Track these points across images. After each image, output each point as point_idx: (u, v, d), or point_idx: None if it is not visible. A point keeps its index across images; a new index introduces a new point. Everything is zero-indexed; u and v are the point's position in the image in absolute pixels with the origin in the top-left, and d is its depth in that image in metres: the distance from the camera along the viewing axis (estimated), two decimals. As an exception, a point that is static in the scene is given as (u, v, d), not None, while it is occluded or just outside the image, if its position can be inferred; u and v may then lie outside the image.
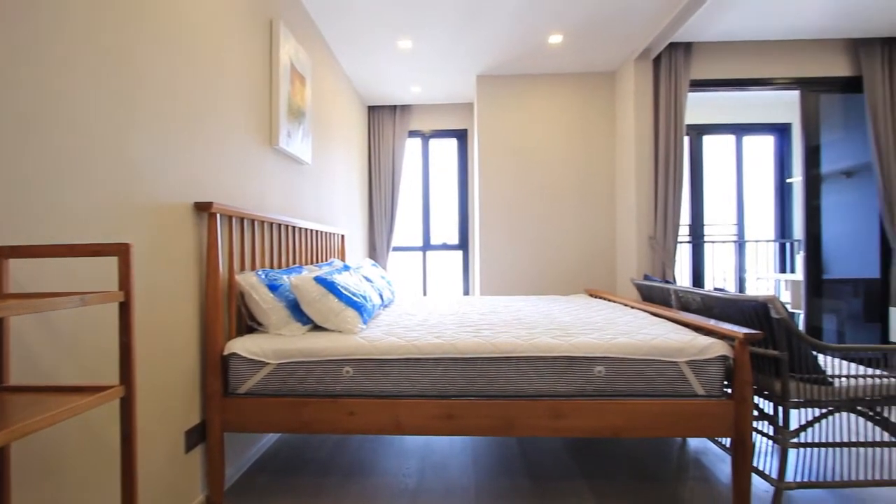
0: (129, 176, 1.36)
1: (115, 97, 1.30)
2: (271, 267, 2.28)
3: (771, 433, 1.78)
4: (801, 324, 3.85)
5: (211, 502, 1.73)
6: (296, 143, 2.65)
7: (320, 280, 1.97)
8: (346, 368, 1.74)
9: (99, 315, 1.24)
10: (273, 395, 1.74)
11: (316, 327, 1.98)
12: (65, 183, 1.13)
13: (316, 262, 2.96)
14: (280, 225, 2.39)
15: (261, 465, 2.11)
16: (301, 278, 1.95)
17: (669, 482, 1.92)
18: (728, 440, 2.06)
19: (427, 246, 5.15)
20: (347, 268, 2.51)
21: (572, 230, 4.20)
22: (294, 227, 2.59)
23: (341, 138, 3.89)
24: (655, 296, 2.66)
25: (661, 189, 3.65)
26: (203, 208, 1.70)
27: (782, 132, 4.96)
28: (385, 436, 2.40)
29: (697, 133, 4.70)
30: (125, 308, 1.01)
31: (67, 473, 1.14)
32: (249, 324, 1.97)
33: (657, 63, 3.68)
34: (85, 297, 0.90)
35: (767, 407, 1.87)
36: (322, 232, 3.13)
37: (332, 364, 1.74)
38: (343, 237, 3.70)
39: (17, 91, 1.02)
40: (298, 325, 1.91)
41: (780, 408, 1.72)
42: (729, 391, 1.71)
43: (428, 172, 5.15)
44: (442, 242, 5.16)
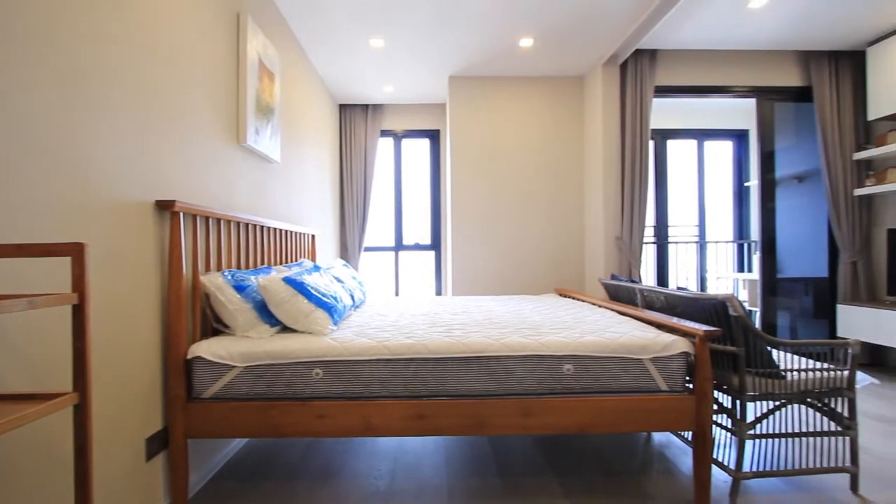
0: (82, 173, 1.29)
1: (63, 90, 1.24)
2: (238, 268, 2.23)
3: (729, 426, 1.87)
4: (758, 321, 4.04)
5: (173, 511, 1.67)
6: (264, 141, 2.59)
7: (289, 280, 1.93)
8: (316, 370, 1.72)
9: (52, 319, 1.18)
10: (240, 400, 1.70)
11: (285, 329, 1.94)
12: (8, 181, 1.07)
13: (285, 263, 2.91)
14: (248, 224, 2.34)
15: (227, 472, 2.05)
16: (269, 279, 1.91)
17: (635, 475, 1.98)
18: (690, 433, 2.15)
19: (399, 246, 5.13)
20: (318, 268, 2.48)
21: (543, 231, 4.28)
22: (262, 227, 2.53)
23: (312, 136, 3.83)
24: (622, 295, 2.74)
25: (628, 191, 3.76)
26: (165, 207, 1.64)
27: (740, 138, 5.20)
28: (356, 438, 2.38)
29: (662, 137, 4.87)
30: (79, 311, 0.96)
31: (17, 487, 1.08)
32: (215, 326, 1.92)
33: (624, 69, 3.79)
34: (34, 300, 0.86)
35: (726, 401, 1.95)
36: (292, 232, 3.07)
37: (302, 366, 1.72)
38: (313, 237, 3.64)
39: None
40: (266, 327, 1.87)
41: (738, 401, 1.80)
42: (690, 386, 1.78)
43: (400, 172, 5.13)
44: (414, 243, 5.15)
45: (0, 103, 1.04)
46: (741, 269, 5.20)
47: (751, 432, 1.78)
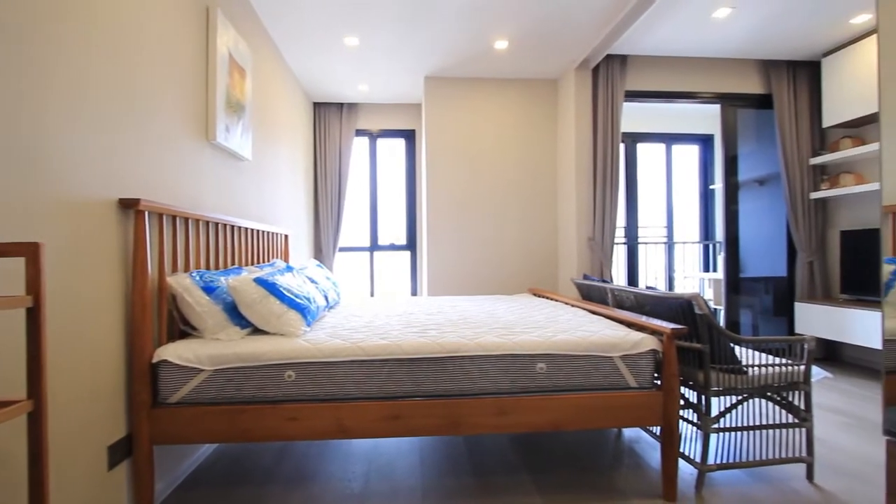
0: (38, 170, 1.23)
1: (17, 83, 1.18)
2: (207, 268, 2.16)
3: (695, 420, 1.93)
4: (722, 319, 4.20)
5: (138, 521, 1.61)
6: (235, 138, 2.53)
7: (261, 281, 1.89)
8: (289, 373, 1.69)
9: (6, 322, 1.12)
10: (208, 404, 1.65)
11: (256, 331, 1.90)
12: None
13: (257, 263, 2.84)
14: (217, 224, 2.27)
15: (196, 479, 1.99)
16: (240, 279, 1.87)
17: (606, 471, 2.03)
18: (658, 428, 2.21)
19: (375, 246, 5.09)
20: (291, 268, 2.43)
21: (517, 231, 4.32)
22: (233, 227, 2.47)
23: (285, 135, 3.76)
24: (594, 294, 2.80)
25: (600, 193, 3.84)
26: (129, 205, 1.58)
27: (706, 142, 5.39)
28: (330, 441, 2.35)
29: (632, 140, 4.99)
30: (34, 314, 0.92)
31: (-36, 500, 1.02)
32: (183, 328, 1.86)
33: (596, 73, 3.88)
34: (-14, 303, 0.81)
35: (692, 396, 2.02)
36: (264, 232, 3.01)
37: (274, 369, 1.68)
38: (287, 237, 3.57)
39: None
40: (237, 329, 1.83)
41: (703, 396, 1.87)
42: (658, 383, 1.83)
43: (376, 172, 5.10)
44: (390, 243, 5.12)
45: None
46: (707, 269, 5.39)
47: (715, 426, 1.85)
